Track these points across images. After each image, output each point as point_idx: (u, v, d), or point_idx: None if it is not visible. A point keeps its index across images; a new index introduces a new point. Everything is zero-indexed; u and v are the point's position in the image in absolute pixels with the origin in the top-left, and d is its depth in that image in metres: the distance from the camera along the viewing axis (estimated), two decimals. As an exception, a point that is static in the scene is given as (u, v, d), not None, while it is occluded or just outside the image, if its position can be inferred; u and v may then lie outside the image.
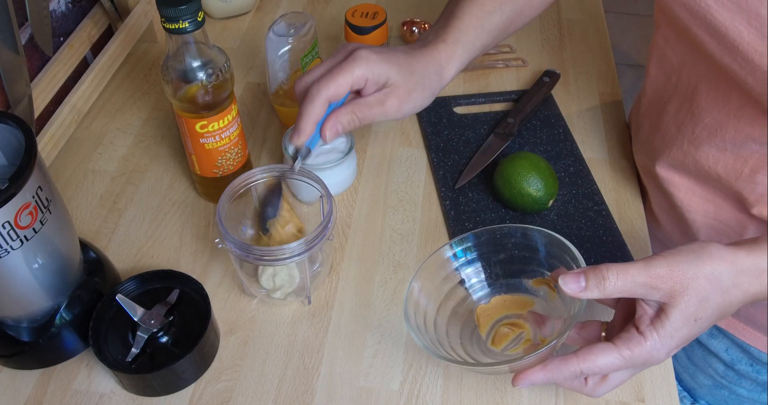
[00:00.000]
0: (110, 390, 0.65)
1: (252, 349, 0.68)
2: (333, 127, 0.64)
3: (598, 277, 0.51)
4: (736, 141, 0.63)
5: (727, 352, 0.77)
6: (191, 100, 0.69)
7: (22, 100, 0.75)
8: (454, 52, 0.69)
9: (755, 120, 0.60)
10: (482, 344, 0.62)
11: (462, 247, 0.63)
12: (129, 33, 0.93)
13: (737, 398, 0.81)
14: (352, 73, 0.63)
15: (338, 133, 0.65)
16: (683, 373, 0.85)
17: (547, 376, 0.54)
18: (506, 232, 0.63)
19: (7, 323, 0.64)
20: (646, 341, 0.51)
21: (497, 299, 0.65)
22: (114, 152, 0.87)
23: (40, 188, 0.56)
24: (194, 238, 0.77)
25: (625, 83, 2.32)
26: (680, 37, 0.64)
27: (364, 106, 0.65)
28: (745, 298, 0.52)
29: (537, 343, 0.61)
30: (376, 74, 0.64)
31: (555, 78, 0.92)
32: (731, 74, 0.58)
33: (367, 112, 0.65)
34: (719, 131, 0.64)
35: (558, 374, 0.53)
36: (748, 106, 0.60)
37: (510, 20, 0.73)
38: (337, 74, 0.63)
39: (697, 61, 0.64)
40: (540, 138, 0.86)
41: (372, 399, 0.64)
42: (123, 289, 0.66)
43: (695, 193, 0.71)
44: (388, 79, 0.65)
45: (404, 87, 0.66)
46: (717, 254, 0.51)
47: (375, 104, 0.65)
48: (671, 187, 0.73)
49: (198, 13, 0.63)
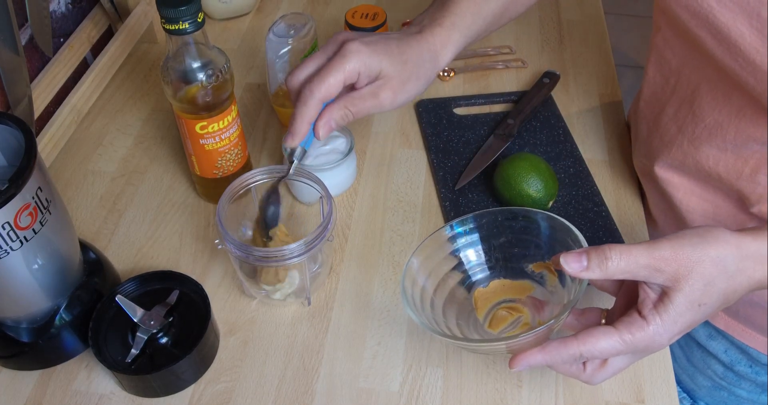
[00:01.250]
0: (110, 391, 0.65)
1: (252, 349, 0.68)
2: (326, 124, 0.64)
3: (601, 257, 0.50)
4: (737, 141, 0.63)
5: (727, 353, 0.77)
6: (191, 101, 0.69)
7: (22, 100, 0.75)
8: (450, 36, 0.68)
9: (756, 120, 0.60)
10: (479, 327, 0.62)
11: (463, 228, 0.63)
12: (129, 34, 0.93)
13: (736, 399, 0.81)
14: (344, 69, 0.62)
15: (332, 130, 0.64)
16: (682, 375, 0.85)
17: (545, 358, 0.52)
18: (508, 215, 0.62)
19: (7, 324, 0.64)
20: (648, 325, 0.50)
21: (496, 283, 0.64)
22: (114, 153, 0.87)
23: (40, 189, 0.56)
24: (194, 238, 0.77)
25: (625, 84, 2.32)
26: (680, 38, 0.64)
27: (357, 99, 0.64)
28: (750, 284, 0.51)
29: (535, 326, 0.61)
30: (368, 67, 0.63)
31: (555, 79, 0.92)
32: (732, 75, 0.58)
33: (361, 105, 0.64)
34: (720, 131, 0.64)
35: (556, 356, 0.52)
36: (749, 106, 0.60)
37: (504, 7, 0.72)
38: (329, 74, 0.62)
39: (697, 61, 0.64)
40: (540, 139, 0.86)
41: (372, 400, 0.64)
42: (123, 289, 0.66)
43: (694, 193, 0.71)
44: (381, 70, 0.64)
45: (398, 78, 0.65)
46: (722, 238, 0.50)
47: (368, 97, 0.64)
48: (670, 187, 0.73)
49: (198, 14, 0.63)
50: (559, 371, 0.56)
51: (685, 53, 0.65)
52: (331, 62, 0.63)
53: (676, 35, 0.65)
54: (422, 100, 0.91)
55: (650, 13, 0.70)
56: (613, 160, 0.84)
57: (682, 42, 0.65)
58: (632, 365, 0.65)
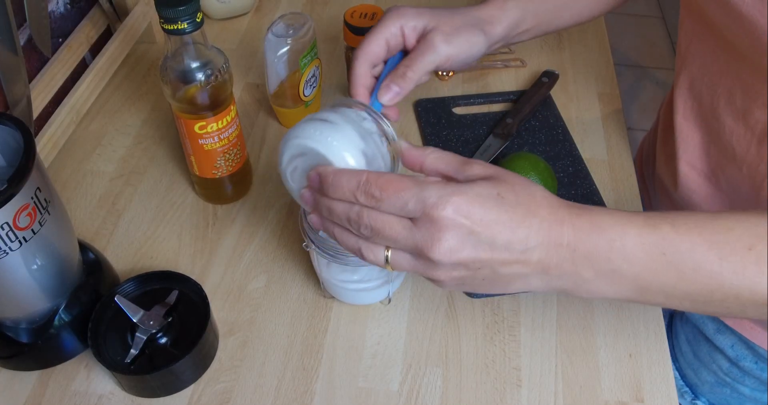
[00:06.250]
0: (109, 391, 0.65)
1: (251, 350, 0.68)
2: (386, 87, 0.61)
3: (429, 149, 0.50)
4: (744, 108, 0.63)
5: (733, 348, 0.77)
6: (190, 101, 0.69)
7: (21, 101, 0.74)
8: (504, 6, 0.67)
9: (756, 85, 0.61)
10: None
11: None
12: (128, 34, 0.93)
13: (739, 396, 0.81)
14: (384, 25, 0.62)
15: (395, 95, 0.61)
16: (687, 369, 0.85)
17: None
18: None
19: (6, 324, 0.64)
20: (444, 184, 0.47)
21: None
22: (113, 153, 0.87)
23: (39, 189, 0.56)
24: (193, 239, 0.77)
25: (624, 84, 2.32)
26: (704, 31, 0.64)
27: (412, 57, 0.62)
28: (553, 218, 0.48)
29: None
30: (410, 20, 0.62)
31: (554, 78, 0.92)
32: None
33: (416, 59, 0.62)
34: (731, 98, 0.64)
35: (346, 173, 0.49)
36: (747, 71, 0.60)
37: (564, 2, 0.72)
38: (369, 34, 0.62)
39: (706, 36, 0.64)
40: (539, 138, 0.86)
41: (371, 400, 0.64)
42: (122, 290, 0.66)
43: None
44: (426, 24, 0.63)
45: (449, 23, 0.63)
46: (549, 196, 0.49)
47: (422, 49, 0.62)
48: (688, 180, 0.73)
49: (197, 14, 0.63)
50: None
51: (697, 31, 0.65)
52: (374, 25, 0.63)
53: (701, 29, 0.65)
54: (421, 99, 0.91)
55: (650, 13, 0.70)
56: (613, 160, 0.84)
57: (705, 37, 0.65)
58: (632, 365, 0.66)
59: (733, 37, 0.60)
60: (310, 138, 0.51)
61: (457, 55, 0.64)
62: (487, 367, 0.66)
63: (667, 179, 0.80)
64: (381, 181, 0.47)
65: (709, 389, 0.84)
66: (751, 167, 0.65)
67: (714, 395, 0.84)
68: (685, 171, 0.74)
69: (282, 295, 0.72)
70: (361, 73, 0.62)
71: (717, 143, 0.69)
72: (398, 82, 0.61)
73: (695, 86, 0.70)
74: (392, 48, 0.63)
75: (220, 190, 0.79)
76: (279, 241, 0.77)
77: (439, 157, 0.50)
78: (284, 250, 0.76)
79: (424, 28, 0.63)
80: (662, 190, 0.82)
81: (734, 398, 0.82)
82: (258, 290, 0.72)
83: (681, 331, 0.84)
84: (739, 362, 0.78)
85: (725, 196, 0.71)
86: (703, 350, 0.81)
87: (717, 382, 0.82)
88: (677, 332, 0.84)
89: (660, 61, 2.44)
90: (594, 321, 0.69)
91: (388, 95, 0.60)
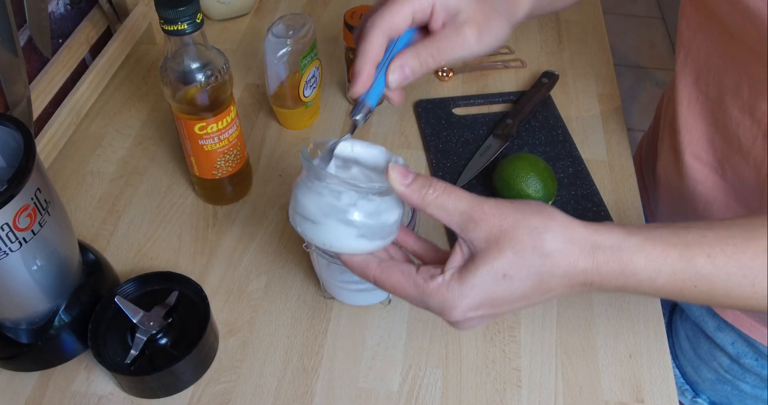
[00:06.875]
0: (109, 392, 0.65)
1: (251, 350, 0.68)
2: (399, 68, 0.53)
3: (425, 184, 0.47)
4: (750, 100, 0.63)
5: (734, 345, 0.77)
6: (190, 102, 0.69)
7: (21, 101, 0.75)
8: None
9: (760, 76, 0.60)
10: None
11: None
12: (128, 34, 0.93)
13: (739, 394, 0.81)
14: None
15: (406, 78, 0.53)
16: (687, 366, 0.85)
17: (352, 267, 0.51)
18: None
19: (6, 325, 0.64)
20: (444, 280, 0.47)
21: None
22: (113, 154, 0.87)
23: (39, 190, 0.56)
24: (193, 239, 0.77)
25: (624, 84, 2.32)
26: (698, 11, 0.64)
27: (437, 40, 0.54)
28: (570, 272, 0.47)
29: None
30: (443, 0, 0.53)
31: (554, 79, 0.92)
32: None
33: (442, 45, 0.54)
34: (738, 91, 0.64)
35: (356, 271, 0.51)
36: (754, 61, 0.60)
37: None
38: (394, 1, 0.52)
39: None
40: (539, 139, 0.86)
41: (371, 400, 0.64)
42: (122, 290, 0.66)
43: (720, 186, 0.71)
44: (458, 5, 0.54)
45: (481, 13, 0.55)
46: (551, 214, 0.47)
47: (450, 36, 0.54)
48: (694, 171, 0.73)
49: (197, 15, 0.63)
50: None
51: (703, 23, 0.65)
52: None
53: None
54: (421, 100, 0.91)
55: (650, 13, 0.70)
56: (613, 160, 0.84)
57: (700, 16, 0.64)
58: (632, 365, 0.66)
59: (738, 29, 0.60)
60: (306, 235, 0.52)
61: (483, 52, 0.57)
62: (487, 368, 0.66)
63: (670, 174, 0.80)
64: (386, 285, 0.50)
65: (709, 386, 0.84)
66: (758, 159, 0.65)
67: (714, 392, 0.84)
68: (691, 163, 0.74)
69: (282, 295, 0.72)
70: (376, 45, 0.52)
71: (723, 134, 0.69)
72: (412, 66, 0.53)
73: (700, 79, 0.70)
74: (416, 23, 0.55)
75: (220, 191, 0.79)
76: (279, 241, 0.77)
77: (439, 205, 0.48)
78: (284, 251, 0.76)
79: (456, 9, 0.54)
80: (665, 186, 0.82)
81: (735, 395, 0.82)
82: (258, 291, 0.72)
83: (681, 329, 0.84)
84: (740, 359, 0.78)
85: (731, 187, 0.71)
86: (704, 347, 0.81)
87: (717, 379, 0.82)
88: (677, 330, 0.84)
89: (660, 61, 2.44)
90: (594, 321, 0.69)
91: (399, 77, 0.53)
